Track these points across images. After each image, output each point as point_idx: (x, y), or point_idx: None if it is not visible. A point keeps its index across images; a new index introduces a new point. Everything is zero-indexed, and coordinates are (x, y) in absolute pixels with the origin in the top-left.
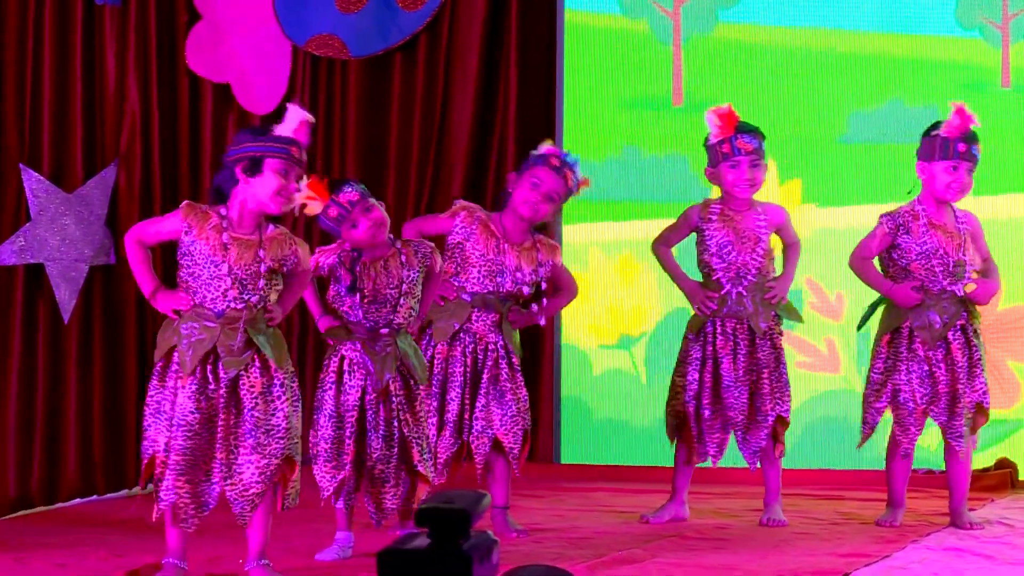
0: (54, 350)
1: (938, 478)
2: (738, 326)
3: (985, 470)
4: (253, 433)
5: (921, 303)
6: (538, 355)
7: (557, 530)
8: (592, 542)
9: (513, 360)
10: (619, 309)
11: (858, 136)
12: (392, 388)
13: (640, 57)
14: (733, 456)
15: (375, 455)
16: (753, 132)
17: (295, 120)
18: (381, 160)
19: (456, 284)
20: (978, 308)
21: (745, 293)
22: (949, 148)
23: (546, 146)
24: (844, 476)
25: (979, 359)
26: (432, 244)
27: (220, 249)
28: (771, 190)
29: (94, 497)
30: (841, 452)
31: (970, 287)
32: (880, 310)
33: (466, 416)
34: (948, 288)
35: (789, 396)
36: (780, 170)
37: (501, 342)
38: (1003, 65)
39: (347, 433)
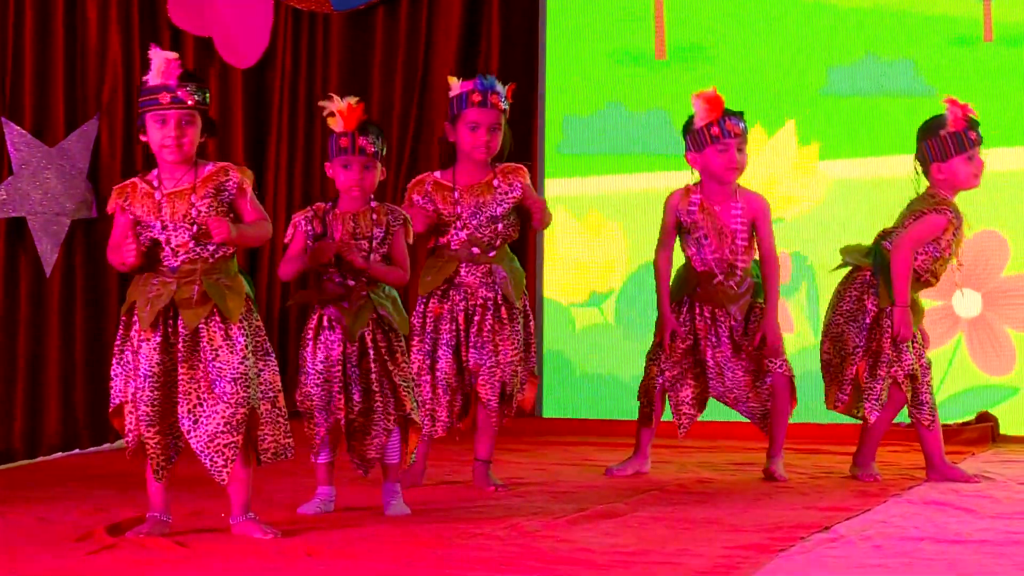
0: (36, 304)
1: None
2: (716, 311)
3: (966, 424)
4: (217, 383)
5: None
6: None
7: (540, 484)
8: (574, 496)
9: (502, 312)
10: (587, 265)
11: (839, 88)
12: (369, 340)
13: (623, 12)
14: (717, 410)
15: (356, 408)
16: (739, 115)
17: (158, 63)
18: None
19: (441, 245)
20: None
21: (726, 282)
22: (963, 140)
23: (457, 84)
24: (823, 430)
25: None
26: (406, 214)
27: (154, 211)
28: (789, 152)
29: (76, 451)
30: (818, 406)
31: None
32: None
33: (461, 374)
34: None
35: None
36: (767, 123)
37: (491, 295)
38: (985, 19)
39: (335, 388)
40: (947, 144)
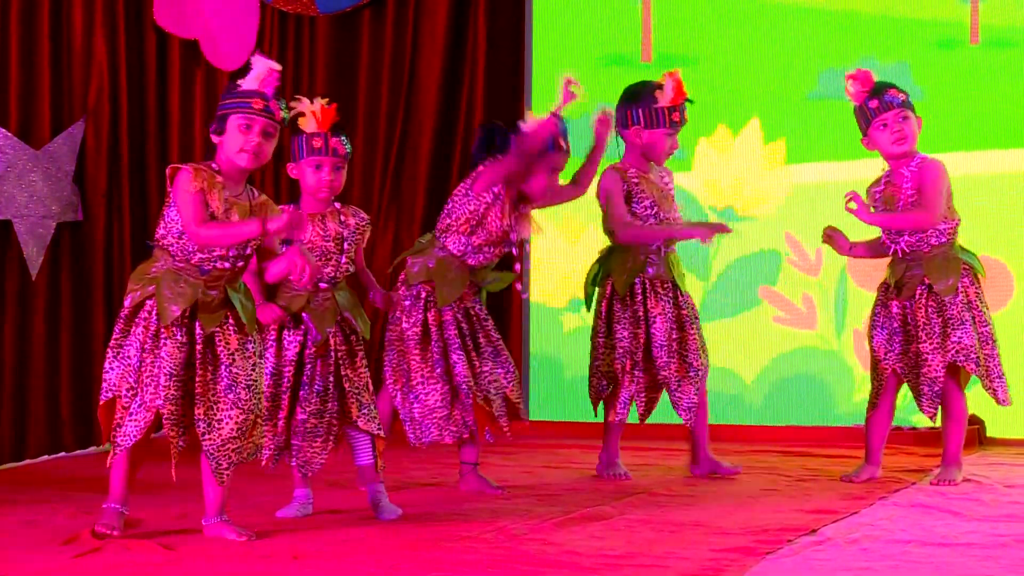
0: (22, 306)
1: (908, 435)
2: (665, 285)
3: None
4: (233, 388)
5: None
6: (507, 313)
7: (527, 487)
8: (561, 499)
9: (491, 320)
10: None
11: (828, 92)
12: (332, 342)
13: (609, 14)
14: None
15: (309, 408)
16: (689, 102)
17: (259, 71)
18: (350, 117)
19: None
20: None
21: (674, 251)
22: (867, 111)
23: (535, 120)
24: (813, 432)
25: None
26: (368, 218)
27: (222, 209)
28: (755, 150)
29: (62, 454)
30: (811, 409)
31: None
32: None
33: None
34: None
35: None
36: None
37: (479, 305)
38: (972, 22)
39: (283, 388)
40: (859, 118)
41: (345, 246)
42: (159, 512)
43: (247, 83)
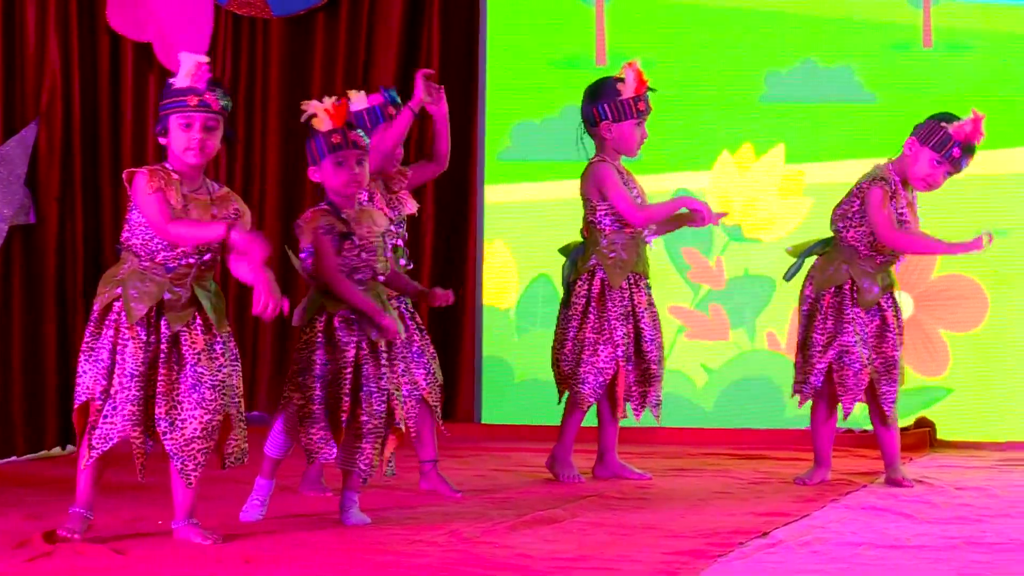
0: None
1: (856, 436)
2: (645, 280)
3: (904, 429)
4: (197, 388)
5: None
6: (459, 315)
7: (478, 490)
8: (513, 502)
9: (418, 319)
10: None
11: (778, 95)
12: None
13: (563, 17)
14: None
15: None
16: (651, 90)
17: (188, 67)
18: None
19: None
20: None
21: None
22: (946, 147)
23: (363, 101)
24: (762, 435)
25: (903, 325)
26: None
27: (181, 207)
28: (728, 157)
29: (13, 458)
30: (760, 412)
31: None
32: (809, 264)
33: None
34: (892, 257)
35: None
36: (706, 129)
37: (405, 304)
38: (924, 25)
39: (344, 391)
40: (935, 136)
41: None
42: (112, 516)
43: (179, 81)
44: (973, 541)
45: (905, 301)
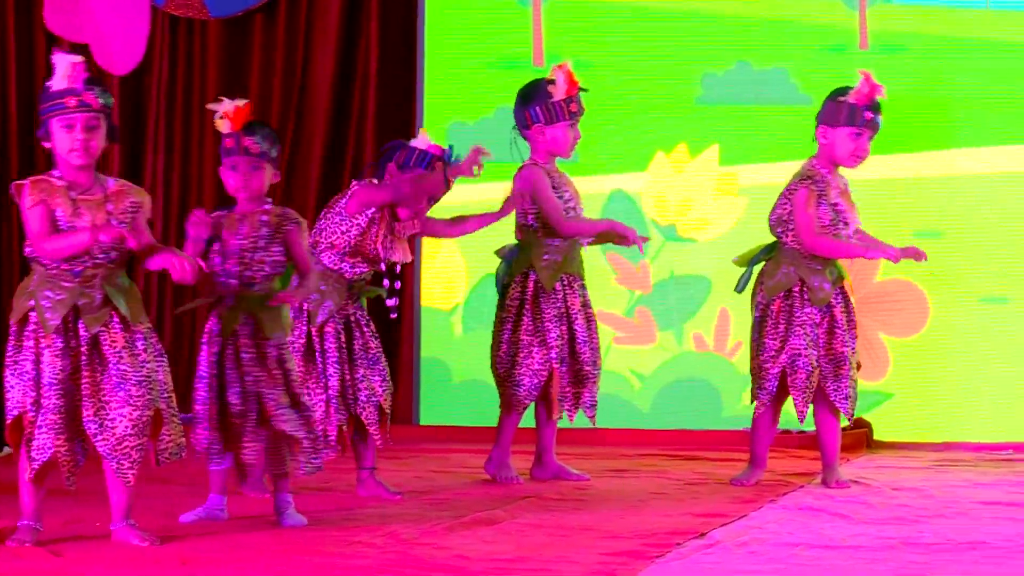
0: None
1: (795, 437)
2: (579, 282)
3: (842, 430)
4: (122, 386)
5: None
6: (397, 317)
7: (417, 492)
8: (452, 503)
9: (372, 326)
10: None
11: (714, 97)
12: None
13: (501, 18)
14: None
15: (233, 410)
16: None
17: (63, 68)
18: None
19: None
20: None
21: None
22: (856, 115)
23: (428, 141)
24: (699, 436)
25: (854, 321)
26: (299, 217)
27: (72, 212)
28: (666, 160)
29: None
30: (699, 412)
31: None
32: (757, 272)
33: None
34: None
35: None
36: (644, 131)
37: (360, 311)
38: (860, 27)
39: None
40: (841, 111)
41: (261, 244)
42: (50, 518)
43: (56, 83)
44: (910, 541)
45: None
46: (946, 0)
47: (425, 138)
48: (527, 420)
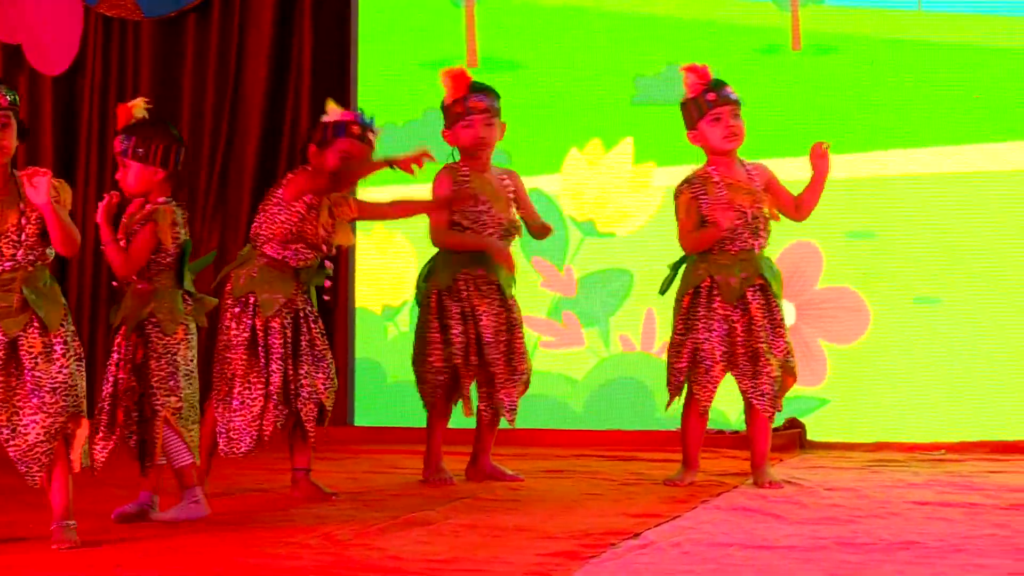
0: None
1: (728, 438)
2: (489, 285)
3: (775, 430)
4: (36, 392)
5: (723, 260)
6: (331, 318)
7: (350, 492)
8: (385, 504)
9: (320, 324)
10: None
11: (648, 98)
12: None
13: (434, 19)
14: (524, 418)
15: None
16: (485, 91)
17: None
18: (174, 122)
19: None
20: (782, 273)
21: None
22: (701, 104)
23: (338, 111)
24: (633, 436)
25: (781, 320)
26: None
27: None
28: (604, 162)
29: None
30: (631, 413)
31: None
32: (681, 271)
33: (291, 386)
34: (750, 243)
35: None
36: (579, 134)
37: (309, 305)
38: (793, 28)
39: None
40: (689, 110)
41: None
42: None
43: None
44: (843, 541)
45: (786, 310)
46: (879, 1)
47: (334, 110)
48: (469, 422)
